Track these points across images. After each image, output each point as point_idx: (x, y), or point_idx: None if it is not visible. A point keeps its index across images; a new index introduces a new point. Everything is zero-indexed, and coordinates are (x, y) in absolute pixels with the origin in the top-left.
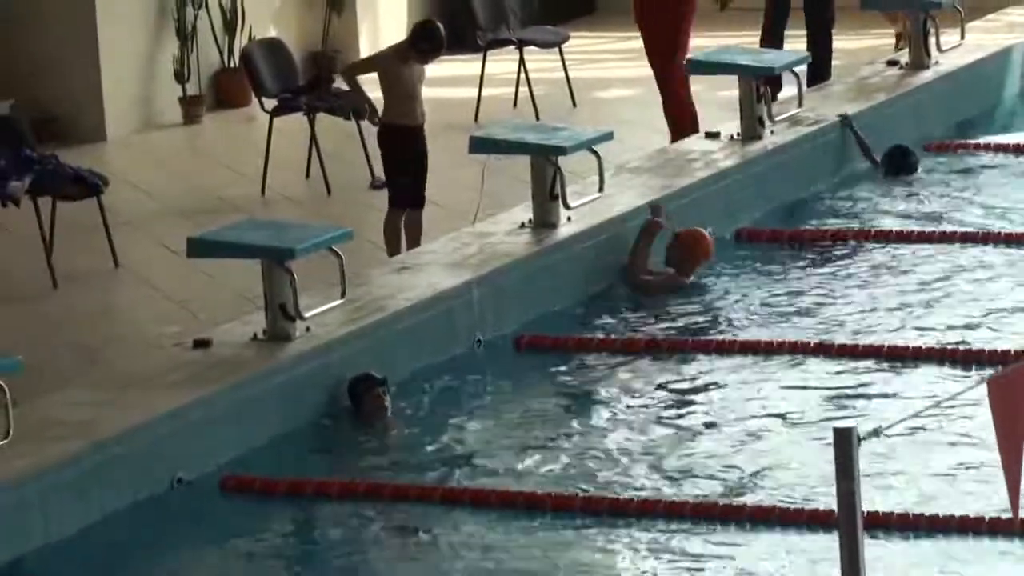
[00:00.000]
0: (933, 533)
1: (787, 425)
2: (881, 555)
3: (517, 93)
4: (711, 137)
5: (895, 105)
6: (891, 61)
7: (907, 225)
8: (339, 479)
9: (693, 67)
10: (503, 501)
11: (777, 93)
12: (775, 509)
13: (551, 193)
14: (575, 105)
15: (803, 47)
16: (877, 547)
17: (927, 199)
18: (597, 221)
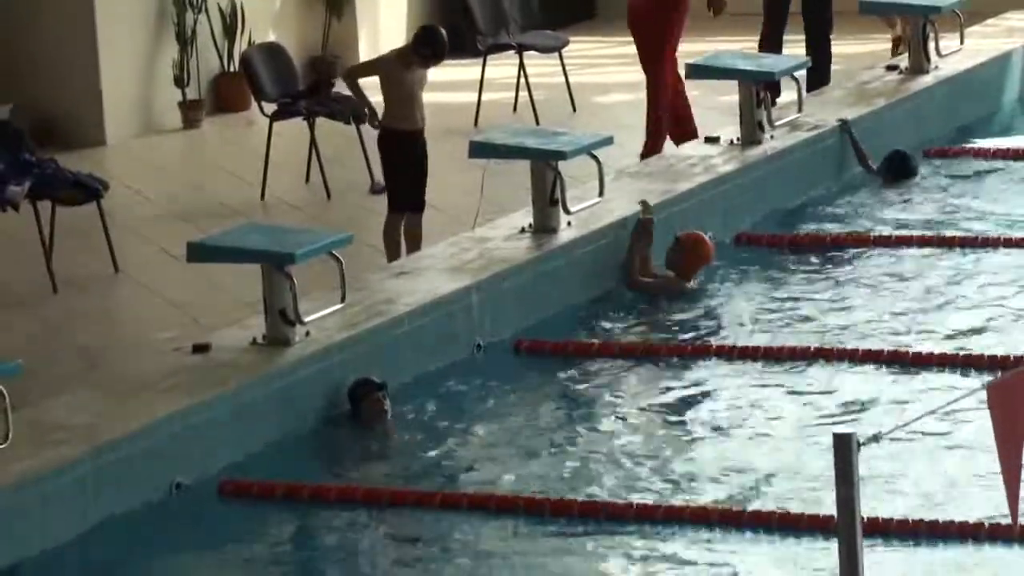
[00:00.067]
0: (933, 539)
1: (786, 430)
2: (881, 561)
3: (517, 98)
4: (711, 142)
5: (895, 110)
6: (891, 66)
7: (907, 230)
8: (338, 484)
9: (693, 72)
10: (502, 506)
11: (776, 98)
12: (774, 514)
13: (551, 198)
14: (575, 110)
15: (802, 52)
16: (877, 553)
17: (927, 204)
18: (597, 226)
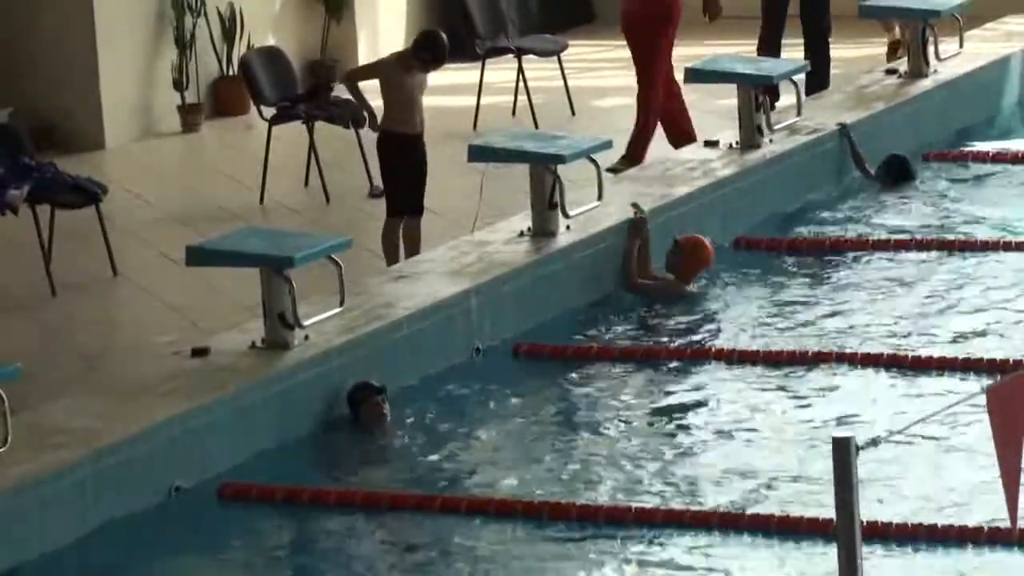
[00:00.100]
0: (932, 543)
1: (785, 434)
2: (880, 565)
3: (516, 102)
4: (710, 146)
5: (894, 114)
6: (890, 70)
7: (906, 234)
8: (337, 488)
9: (692, 76)
10: (501, 510)
11: (775, 102)
12: (774, 518)
13: (550, 202)
14: (574, 114)
15: (800, 56)
16: (876, 556)
17: (926, 208)
18: (596, 230)
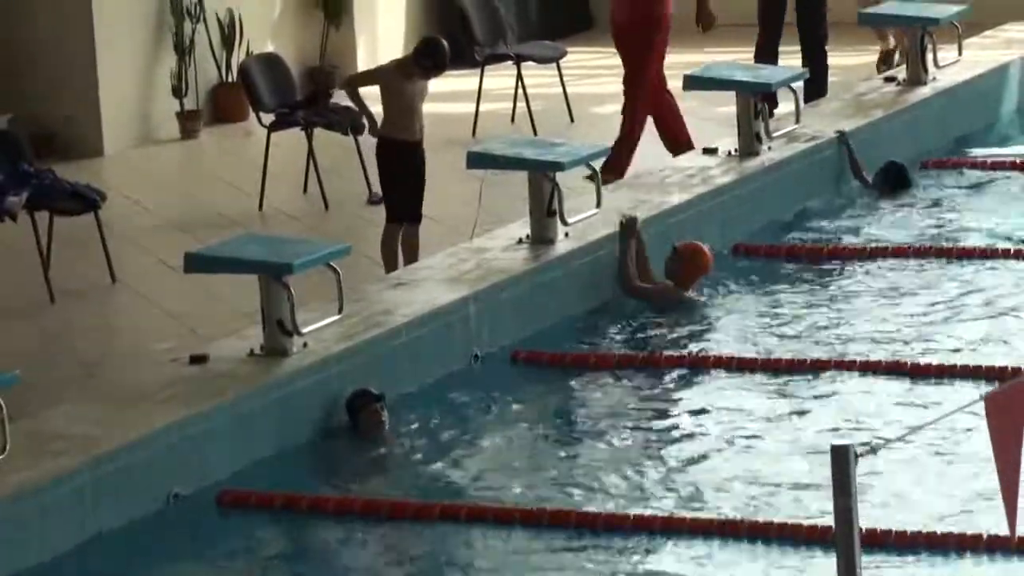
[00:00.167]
0: (931, 550)
1: (784, 441)
2: (879, 572)
3: (515, 108)
4: (709, 153)
5: (892, 121)
6: (888, 77)
7: (904, 241)
8: (336, 495)
9: (691, 83)
10: (500, 517)
11: (774, 109)
12: (773, 525)
13: (548, 209)
14: (573, 120)
15: (798, 63)
16: (875, 564)
17: (924, 215)
18: (594, 237)
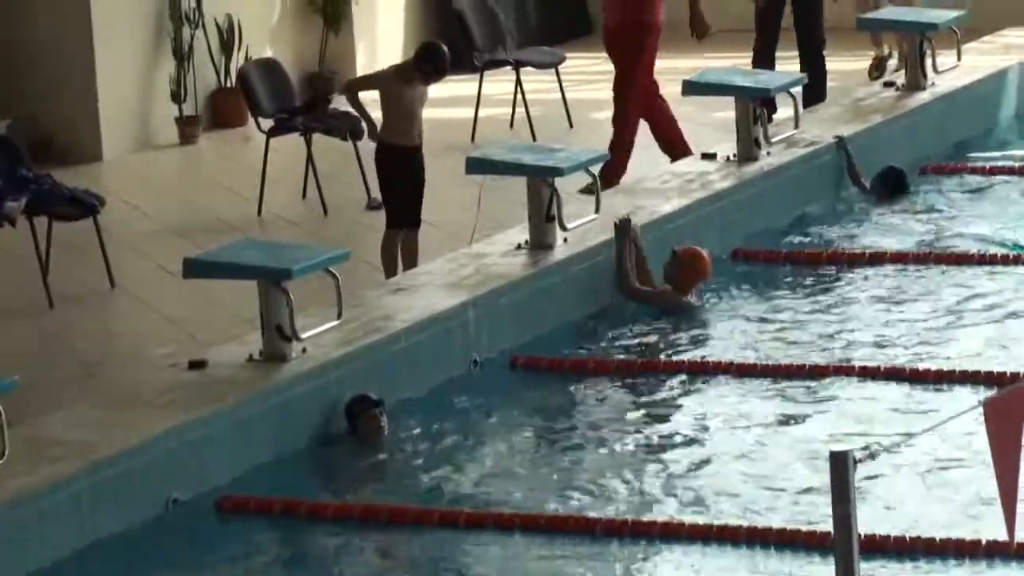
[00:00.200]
0: (930, 556)
1: (783, 447)
2: None
3: (514, 114)
4: (707, 158)
5: (891, 127)
6: (887, 83)
7: (903, 247)
8: (335, 500)
9: (689, 88)
10: (499, 523)
11: (772, 114)
12: (772, 531)
13: (547, 214)
14: (572, 126)
15: (796, 68)
16: (873, 570)
17: (923, 221)
18: (593, 242)
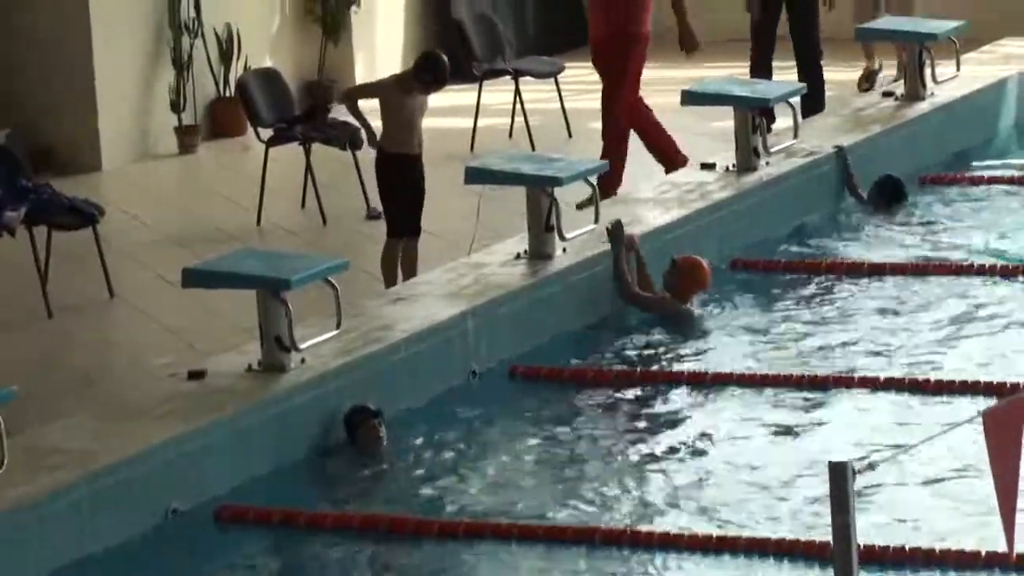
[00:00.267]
0: (929, 567)
1: (782, 457)
2: None
3: (513, 123)
4: (706, 168)
5: (891, 137)
6: (886, 92)
7: (902, 257)
8: (334, 511)
9: (688, 98)
10: (497, 533)
11: (771, 124)
12: (770, 541)
13: (546, 224)
14: (571, 135)
15: (793, 78)
16: None
17: (922, 231)
18: (592, 252)
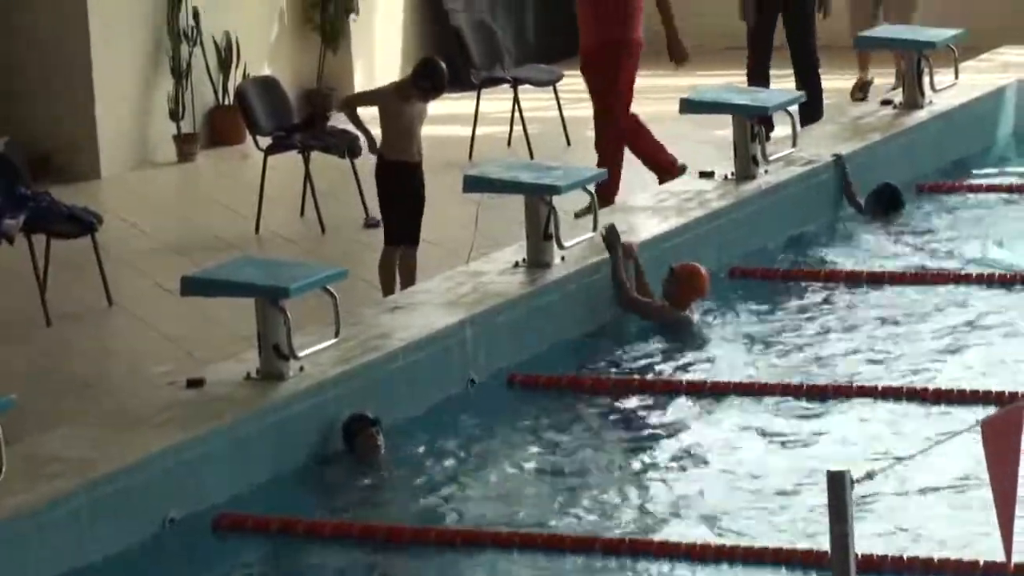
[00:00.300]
0: None
1: (781, 465)
2: None
3: (511, 132)
4: (705, 177)
5: (889, 145)
6: (885, 101)
7: (901, 266)
8: (332, 519)
9: (687, 106)
10: (496, 542)
11: (770, 132)
12: (768, 550)
13: (545, 232)
14: (569, 144)
15: (791, 86)
16: None
17: (921, 240)
18: (591, 261)
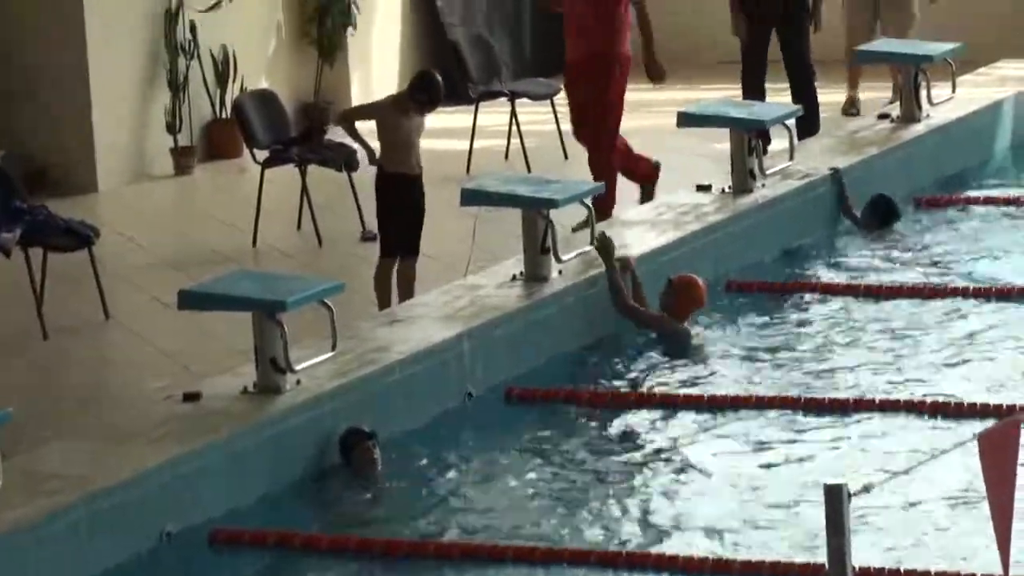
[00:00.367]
0: None
1: (778, 479)
2: None
3: (509, 145)
4: (702, 190)
5: (886, 158)
6: (882, 114)
7: (897, 279)
8: (329, 533)
9: (684, 120)
10: (493, 555)
11: (767, 146)
12: (765, 564)
13: (542, 246)
14: (567, 157)
15: (787, 100)
16: None
17: (918, 253)
18: (588, 274)
